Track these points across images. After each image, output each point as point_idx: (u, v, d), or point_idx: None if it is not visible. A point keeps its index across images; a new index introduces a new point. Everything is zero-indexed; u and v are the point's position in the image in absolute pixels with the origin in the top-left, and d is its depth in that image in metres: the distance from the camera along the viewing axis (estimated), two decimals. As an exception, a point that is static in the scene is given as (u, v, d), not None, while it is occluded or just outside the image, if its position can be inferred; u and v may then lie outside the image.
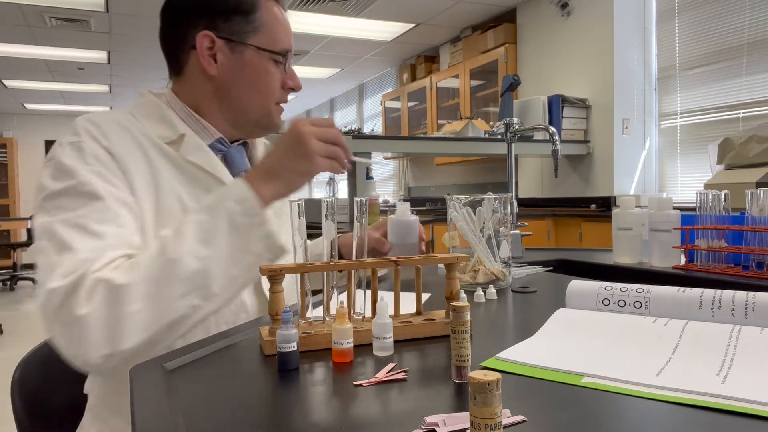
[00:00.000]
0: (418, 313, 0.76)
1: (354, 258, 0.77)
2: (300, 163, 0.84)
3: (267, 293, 0.75)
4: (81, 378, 0.92)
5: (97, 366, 0.75)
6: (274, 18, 1.00)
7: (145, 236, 0.86)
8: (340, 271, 0.74)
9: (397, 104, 6.41)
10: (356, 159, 0.94)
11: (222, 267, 0.79)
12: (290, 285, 0.87)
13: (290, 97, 1.09)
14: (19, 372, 0.91)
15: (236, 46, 0.98)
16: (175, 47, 0.99)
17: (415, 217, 1.12)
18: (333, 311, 0.74)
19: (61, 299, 0.73)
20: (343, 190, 4.67)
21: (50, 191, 0.83)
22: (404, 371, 0.59)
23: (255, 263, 0.81)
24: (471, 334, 0.59)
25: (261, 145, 1.14)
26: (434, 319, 0.73)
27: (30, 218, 7.67)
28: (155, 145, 0.92)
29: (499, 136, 1.75)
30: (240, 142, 1.07)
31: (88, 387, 0.92)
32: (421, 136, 5.40)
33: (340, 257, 1.15)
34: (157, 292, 0.75)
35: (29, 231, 7.75)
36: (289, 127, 0.85)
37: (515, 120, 1.68)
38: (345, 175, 4.08)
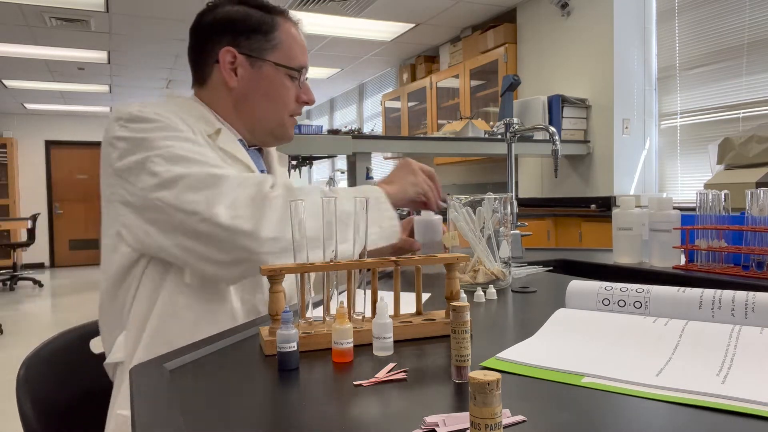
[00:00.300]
0: (418, 313, 0.76)
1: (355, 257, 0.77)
2: (409, 176, 1.10)
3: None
4: (87, 374, 0.94)
5: (259, 246, 0.86)
6: (291, 37, 1.11)
7: None
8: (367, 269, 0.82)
9: (397, 104, 6.41)
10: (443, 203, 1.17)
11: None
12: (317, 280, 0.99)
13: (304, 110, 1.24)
14: (24, 370, 0.91)
15: (255, 62, 1.08)
16: (201, 61, 1.11)
17: (438, 217, 1.22)
18: (333, 311, 0.74)
19: (249, 181, 0.89)
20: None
21: (152, 137, 0.91)
22: (404, 371, 0.59)
23: (376, 235, 0.99)
24: (471, 334, 0.59)
25: (274, 152, 1.23)
26: (434, 319, 0.73)
27: (32, 218, 7.67)
28: (199, 132, 1.02)
29: (499, 136, 1.75)
30: (256, 147, 1.18)
31: (123, 357, 0.95)
32: (421, 136, 5.40)
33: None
34: (314, 208, 0.84)
35: (29, 231, 7.75)
36: (406, 164, 1.12)
37: (515, 120, 1.68)
38: (345, 176, 4.08)
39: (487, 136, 3.93)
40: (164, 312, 0.93)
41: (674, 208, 1.26)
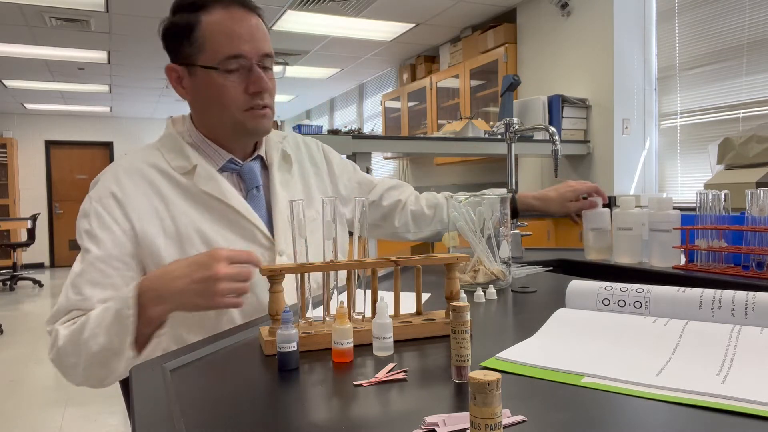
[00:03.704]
0: (418, 313, 0.76)
1: (355, 257, 0.77)
2: (199, 300, 0.84)
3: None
4: None
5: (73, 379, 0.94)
6: (214, 28, 1.00)
7: (157, 256, 0.98)
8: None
9: (397, 104, 6.41)
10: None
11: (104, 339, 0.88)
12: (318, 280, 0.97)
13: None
14: None
15: (191, 70, 1.03)
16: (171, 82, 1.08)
17: (606, 210, 1.40)
18: (333, 311, 0.74)
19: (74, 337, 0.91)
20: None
21: (80, 243, 1.00)
22: (404, 371, 0.59)
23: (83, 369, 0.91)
24: (471, 334, 0.59)
25: (275, 153, 1.14)
26: (434, 319, 0.73)
27: (32, 218, 7.67)
28: (171, 179, 1.03)
29: (499, 136, 1.75)
30: (254, 157, 1.11)
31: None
32: (421, 136, 5.40)
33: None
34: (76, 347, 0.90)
35: (29, 231, 7.75)
36: (206, 260, 0.84)
37: (515, 120, 1.68)
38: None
39: (487, 136, 3.93)
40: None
41: (674, 208, 1.26)
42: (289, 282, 0.98)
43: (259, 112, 1.03)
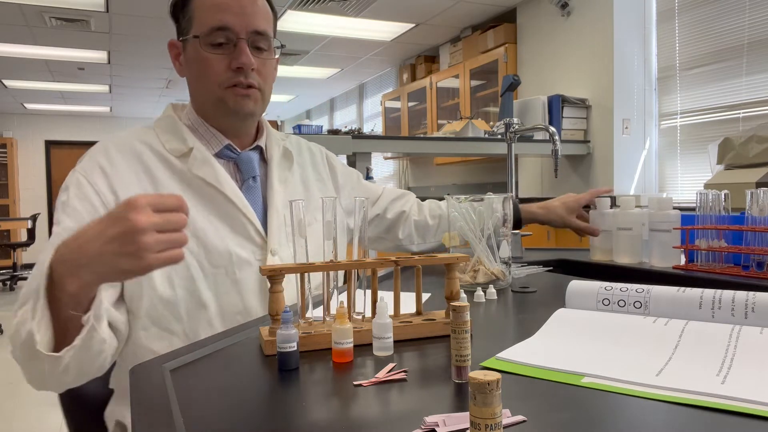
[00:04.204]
0: (418, 313, 0.76)
1: (355, 257, 0.77)
2: (122, 262, 0.65)
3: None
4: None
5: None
6: (204, 1, 0.98)
7: None
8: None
9: (397, 104, 6.41)
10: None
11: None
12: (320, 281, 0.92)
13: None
14: None
15: (185, 44, 1.02)
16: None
17: (613, 210, 1.38)
18: (333, 311, 0.74)
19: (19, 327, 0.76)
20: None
21: (55, 213, 0.92)
22: (404, 371, 0.59)
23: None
24: (471, 334, 0.59)
25: (276, 148, 1.10)
26: (434, 319, 0.73)
27: (32, 218, 7.68)
28: (165, 161, 0.98)
29: (499, 136, 1.75)
30: (252, 146, 1.07)
31: (113, 382, 1.00)
32: (421, 136, 5.40)
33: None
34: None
35: (29, 231, 7.75)
36: (120, 211, 0.65)
37: (515, 120, 1.67)
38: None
39: (487, 136, 3.93)
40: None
41: (674, 208, 1.26)
42: (289, 282, 0.98)
43: (241, 90, 0.98)
